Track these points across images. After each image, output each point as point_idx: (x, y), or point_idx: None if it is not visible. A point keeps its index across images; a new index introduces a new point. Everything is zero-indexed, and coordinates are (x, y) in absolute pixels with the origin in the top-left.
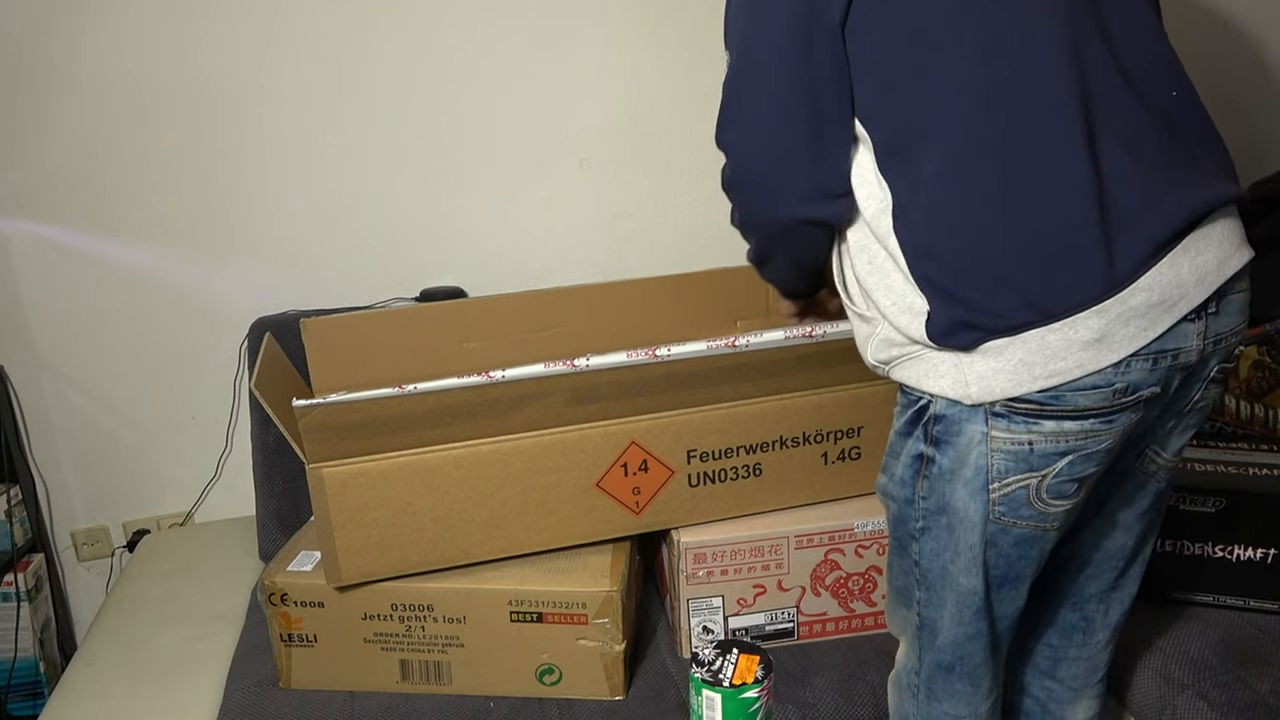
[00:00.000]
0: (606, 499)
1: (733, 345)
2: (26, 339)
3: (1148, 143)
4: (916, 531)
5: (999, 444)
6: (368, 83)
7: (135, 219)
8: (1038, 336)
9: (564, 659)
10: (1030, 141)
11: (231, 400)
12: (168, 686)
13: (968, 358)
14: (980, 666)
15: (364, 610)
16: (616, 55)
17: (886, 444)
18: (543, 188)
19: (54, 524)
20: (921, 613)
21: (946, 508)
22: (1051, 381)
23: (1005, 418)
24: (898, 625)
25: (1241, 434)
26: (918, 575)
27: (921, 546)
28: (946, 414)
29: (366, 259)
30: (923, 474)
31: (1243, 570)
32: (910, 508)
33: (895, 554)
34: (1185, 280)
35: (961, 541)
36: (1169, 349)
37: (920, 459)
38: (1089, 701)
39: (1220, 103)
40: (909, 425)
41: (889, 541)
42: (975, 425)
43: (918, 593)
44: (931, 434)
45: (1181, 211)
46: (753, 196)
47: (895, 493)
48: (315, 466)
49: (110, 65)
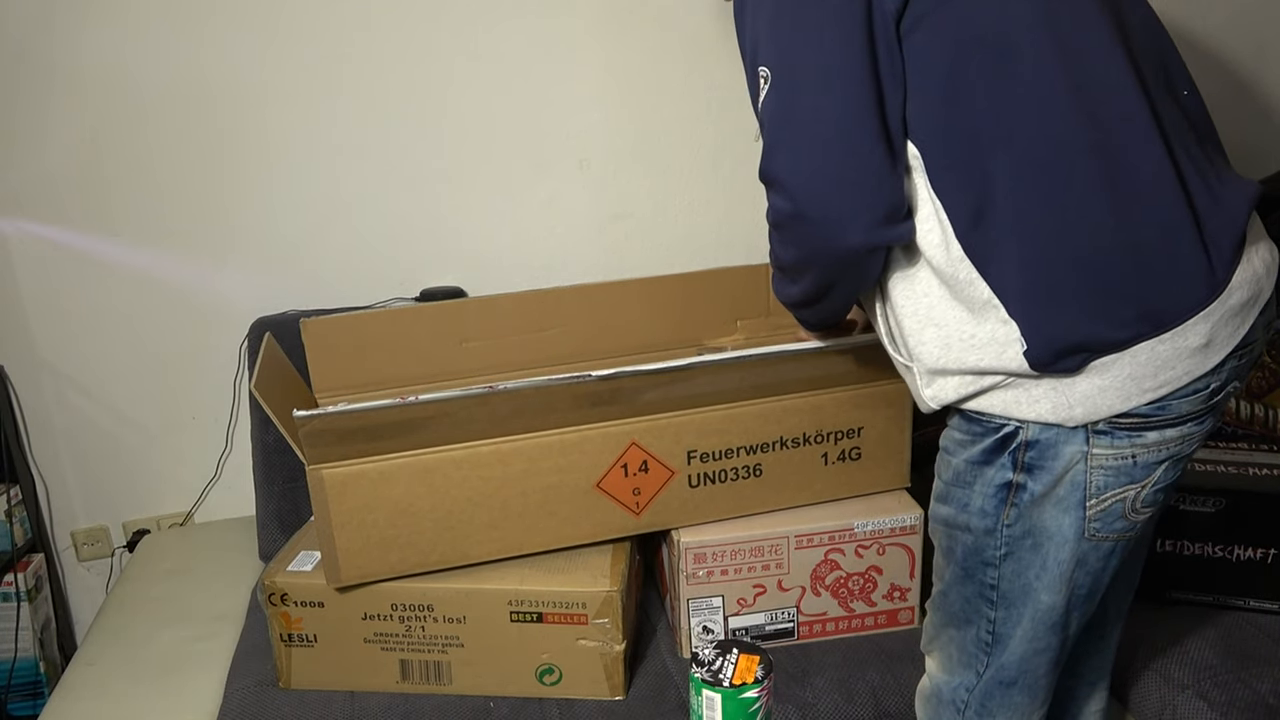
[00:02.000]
0: (606, 499)
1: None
2: (26, 339)
3: (1191, 142)
4: (997, 559)
5: (1100, 460)
6: (368, 83)
7: (135, 219)
8: (1148, 348)
9: (564, 659)
10: (1119, 144)
11: (231, 400)
12: (168, 686)
13: (1069, 380)
14: (1042, 679)
15: (364, 610)
16: (616, 55)
17: (945, 471)
18: (542, 188)
19: (54, 524)
20: (996, 630)
21: (1034, 530)
22: (1160, 392)
23: (1108, 434)
24: (942, 644)
25: (1241, 434)
26: (993, 597)
27: (1002, 571)
28: (1041, 439)
29: (366, 259)
30: (1010, 502)
31: (1243, 570)
32: (990, 537)
33: (958, 583)
34: (1259, 274)
35: (1050, 559)
36: (1249, 343)
37: (1008, 487)
38: (1102, 693)
39: (1220, 102)
40: (989, 454)
41: (947, 571)
42: (1074, 446)
43: (992, 613)
44: (1022, 461)
45: (1243, 206)
46: (819, 228)
47: (971, 524)
48: (315, 467)
49: (110, 65)
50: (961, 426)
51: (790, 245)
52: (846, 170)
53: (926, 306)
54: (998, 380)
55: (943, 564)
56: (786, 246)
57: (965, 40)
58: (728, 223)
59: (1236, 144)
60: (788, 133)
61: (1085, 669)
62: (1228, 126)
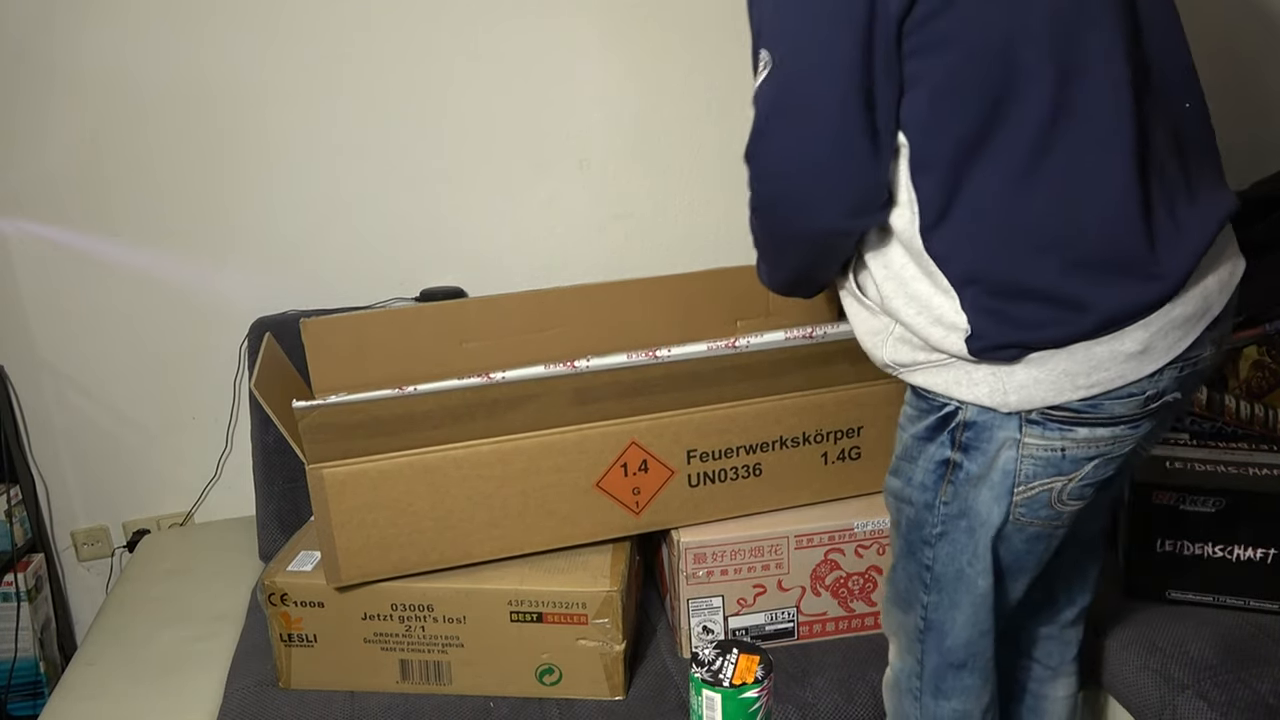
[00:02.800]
0: (606, 499)
1: (733, 346)
2: (26, 339)
3: (1172, 163)
4: (933, 537)
5: (1031, 450)
6: (368, 83)
7: (135, 219)
8: (1084, 348)
9: (564, 659)
10: (1089, 168)
11: (231, 400)
12: (168, 686)
13: (1007, 368)
14: (989, 661)
15: (364, 610)
16: (616, 55)
17: (898, 446)
18: (543, 188)
19: (54, 524)
20: (928, 616)
21: (968, 511)
22: (1093, 391)
23: (1040, 425)
24: (893, 627)
25: (1241, 434)
26: (927, 579)
27: (936, 551)
28: (978, 420)
29: (366, 259)
30: (947, 479)
31: (1243, 570)
32: (929, 512)
33: (903, 558)
34: (1211, 290)
35: (980, 543)
36: (1193, 356)
37: (946, 464)
38: (1066, 680)
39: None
40: (932, 431)
41: (895, 545)
42: (1008, 432)
43: (925, 596)
44: (960, 440)
45: (1210, 224)
46: (798, 209)
47: (913, 497)
48: (315, 467)
49: (110, 65)
50: (913, 402)
51: (772, 223)
52: (830, 161)
53: (899, 277)
54: (938, 359)
55: (893, 537)
56: (767, 226)
57: (965, 49)
58: (727, 223)
59: (1236, 144)
60: (779, 121)
61: (1042, 654)
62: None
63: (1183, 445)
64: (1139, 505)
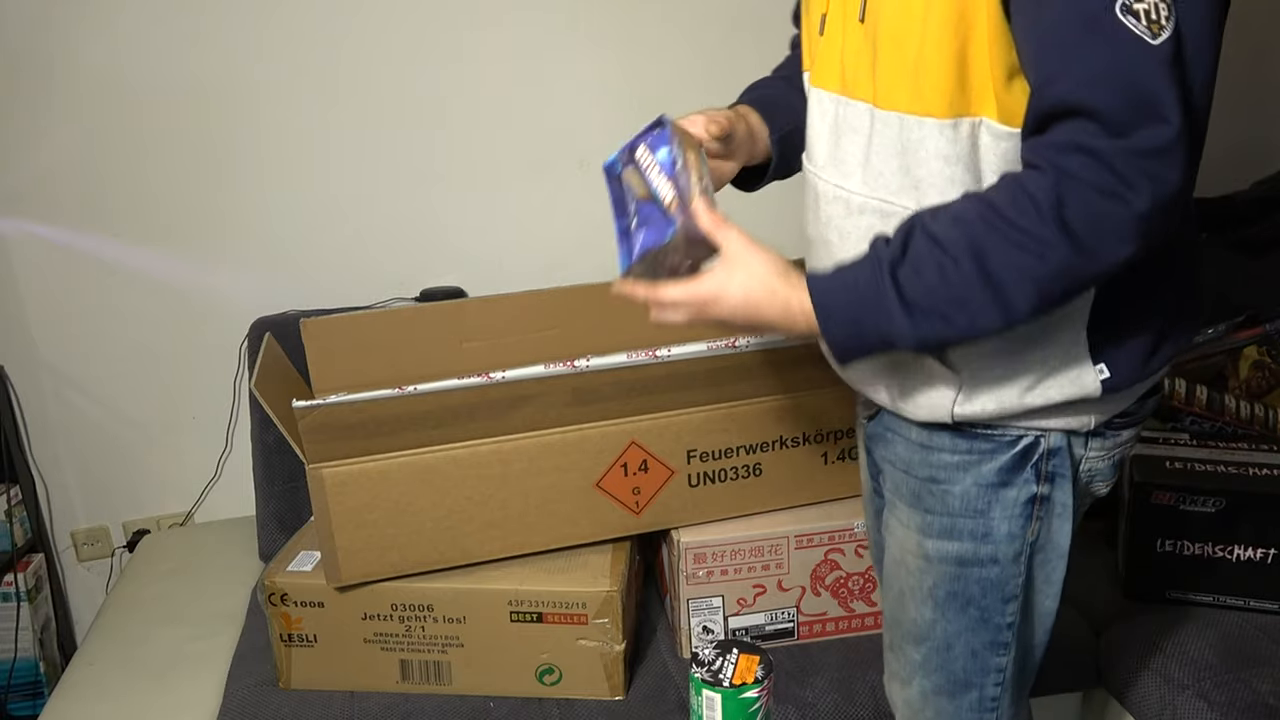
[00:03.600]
0: (606, 499)
1: (733, 346)
2: (26, 339)
3: None
4: (1018, 589)
5: (1093, 463)
6: (368, 83)
7: (135, 219)
8: None
9: (564, 659)
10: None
11: (231, 400)
12: (168, 686)
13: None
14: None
15: (364, 610)
16: (616, 55)
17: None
18: (543, 188)
19: (54, 524)
20: (1007, 679)
21: (1047, 544)
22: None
23: (1100, 435)
24: (929, 715)
25: (1241, 434)
26: (1008, 639)
27: (1020, 604)
28: (1061, 446)
29: (366, 259)
30: (1036, 517)
31: (1243, 570)
32: (1016, 565)
33: (967, 633)
34: None
35: (1055, 572)
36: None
37: (1033, 502)
38: None
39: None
40: (1007, 472)
41: (947, 623)
42: (1080, 450)
43: (1005, 660)
44: (1046, 471)
45: None
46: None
47: (996, 554)
48: (315, 467)
49: (110, 65)
50: (959, 447)
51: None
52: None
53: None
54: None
55: (934, 619)
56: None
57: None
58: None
59: (1236, 144)
60: (1196, 99)
61: None
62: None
63: (1183, 445)
64: (1139, 505)
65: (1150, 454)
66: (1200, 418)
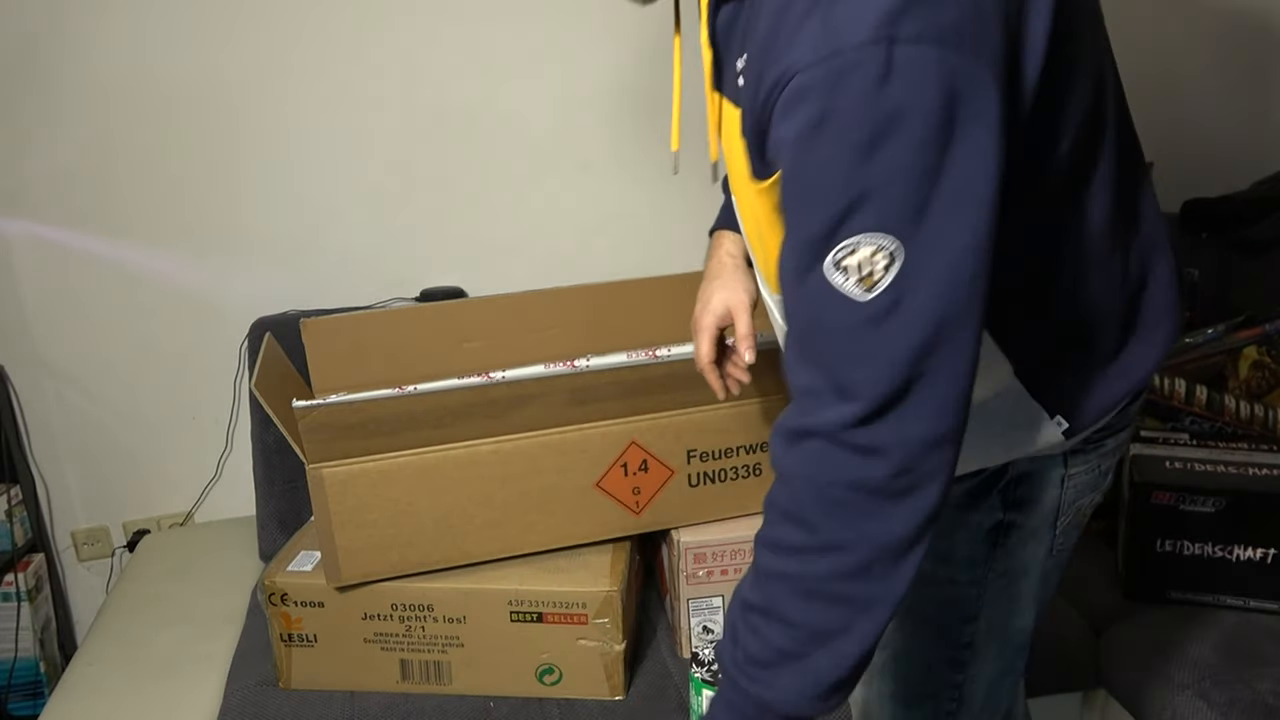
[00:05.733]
0: (606, 499)
1: None
2: (26, 339)
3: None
4: (976, 611)
5: (1075, 480)
6: (369, 82)
7: (136, 219)
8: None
9: (564, 659)
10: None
11: (231, 400)
12: (168, 686)
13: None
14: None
15: (364, 610)
16: (617, 55)
17: None
18: (543, 188)
19: (54, 524)
20: (963, 694)
21: (1011, 569)
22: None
23: (1082, 451)
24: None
25: (1241, 434)
26: (965, 658)
27: (978, 625)
28: (1030, 470)
29: (366, 259)
30: (999, 544)
31: (1243, 570)
32: (974, 588)
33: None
34: None
35: (1024, 593)
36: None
37: (997, 529)
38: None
39: (1220, 102)
40: (972, 497)
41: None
42: (1057, 470)
43: (960, 676)
44: (1013, 498)
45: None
46: (944, 483)
47: (957, 576)
48: (315, 467)
49: (111, 66)
50: None
51: (850, 519)
52: (967, 395)
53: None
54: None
55: (894, 626)
56: (840, 520)
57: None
58: None
59: (1236, 144)
60: (928, 364)
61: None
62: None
63: (1183, 445)
64: (1139, 505)
65: (1150, 454)
66: (1200, 418)
